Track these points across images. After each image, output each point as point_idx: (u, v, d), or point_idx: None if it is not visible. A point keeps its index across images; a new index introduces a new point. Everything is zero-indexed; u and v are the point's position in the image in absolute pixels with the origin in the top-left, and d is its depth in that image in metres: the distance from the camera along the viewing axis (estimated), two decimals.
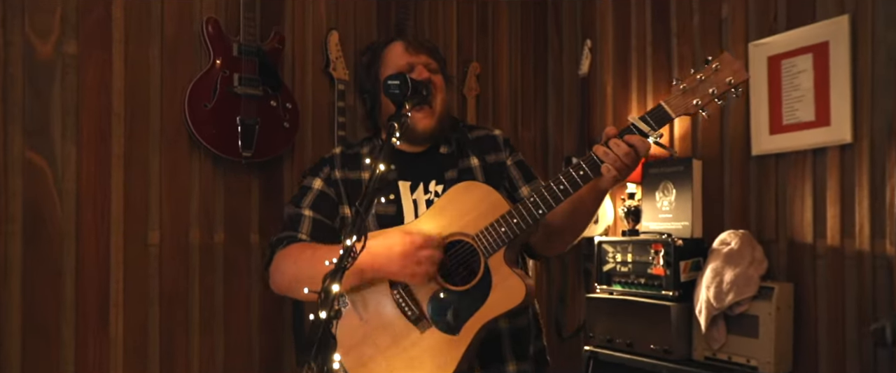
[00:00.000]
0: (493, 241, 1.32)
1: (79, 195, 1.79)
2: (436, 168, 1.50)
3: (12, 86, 1.68)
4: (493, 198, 1.35)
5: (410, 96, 1.28)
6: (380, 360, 1.34)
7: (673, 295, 2.16)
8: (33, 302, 1.71)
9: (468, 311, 1.32)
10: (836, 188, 1.96)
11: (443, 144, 1.54)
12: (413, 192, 1.49)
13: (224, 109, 1.98)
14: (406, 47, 1.51)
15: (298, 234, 1.45)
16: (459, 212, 1.35)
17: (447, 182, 1.48)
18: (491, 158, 1.55)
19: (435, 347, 1.32)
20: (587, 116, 2.83)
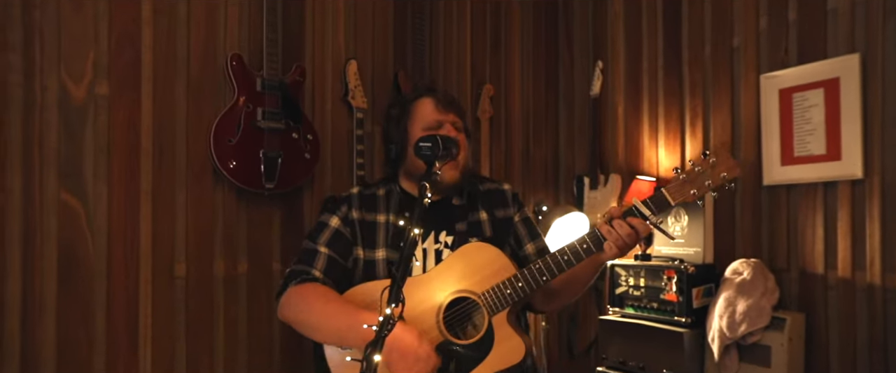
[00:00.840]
0: (499, 301, 1.38)
1: (109, 232, 1.83)
2: (447, 219, 1.55)
3: (48, 130, 1.72)
4: (502, 261, 1.42)
5: (441, 156, 1.32)
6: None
7: (686, 322, 2.21)
8: (67, 338, 1.76)
9: (470, 364, 1.38)
10: (847, 220, 2.01)
11: (455, 196, 1.59)
12: (424, 241, 1.54)
13: (248, 142, 2.02)
14: (436, 105, 1.55)
15: (313, 271, 1.51)
16: (470, 270, 1.41)
17: (457, 233, 1.53)
18: (499, 214, 1.61)
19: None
20: (598, 136, 2.87)
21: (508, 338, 1.39)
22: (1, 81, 1.66)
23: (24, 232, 1.70)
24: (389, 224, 1.56)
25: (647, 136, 2.70)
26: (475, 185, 1.65)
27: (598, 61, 2.85)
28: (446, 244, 1.55)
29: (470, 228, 1.57)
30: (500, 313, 1.40)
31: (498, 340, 1.39)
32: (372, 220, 1.59)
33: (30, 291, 1.71)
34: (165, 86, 1.93)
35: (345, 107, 2.34)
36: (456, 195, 1.60)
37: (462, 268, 1.43)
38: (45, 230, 1.73)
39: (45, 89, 1.72)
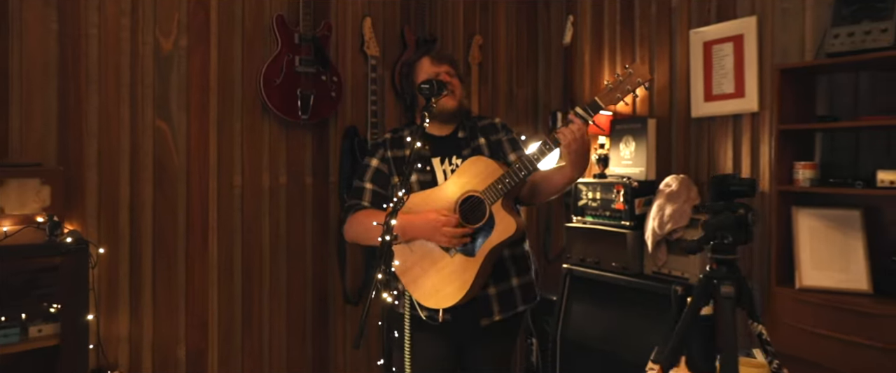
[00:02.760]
0: (494, 193, 1.92)
1: (188, 150, 2.45)
2: (455, 147, 2.09)
3: (145, 74, 2.32)
4: (494, 167, 1.96)
5: (436, 92, 1.88)
6: (425, 277, 1.94)
7: (629, 225, 2.85)
8: (159, 229, 2.40)
9: (480, 241, 1.97)
10: (748, 144, 2.63)
11: (460, 129, 2.14)
12: (442, 164, 2.09)
13: (288, 84, 2.62)
14: (431, 61, 2.10)
15: (362, 202, 2.05)
16: (471, 177, 1.97)
17: (463, 157, 2.06)
18: (493, 138, 2.15)
19: (460, 266, 1.93)
20: (569, 77, 3.46)
21: (503, 219, 1.93)
22: (115, 38, 2.25)
23: (130, 148, 2.32)
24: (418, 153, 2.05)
25: (607, 78, 3.29)
26: (474, 121, 2.18)
27: (569, 16, 3.40)
28: (457, 165, 2.07)
29: (473, 151, 2.09)
30: (496, 203, 1.92)
31: (497, 221, 1.92)
32: (401, 155, 2.10)
33: (135, 191, 2.34)
34: (227, 40, 2.51)
35: (361, 56, 2.92)
36: (459, 128, 2.13)
37: (466, 176, 1.97)
38: (144, 147, 2.35)
39: (145, 43, 2.31)
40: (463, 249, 1.94)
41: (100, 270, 2.20)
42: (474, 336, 2.00)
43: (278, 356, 2.67)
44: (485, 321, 1.97)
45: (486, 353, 2.04)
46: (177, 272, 2.43)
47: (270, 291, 2.66)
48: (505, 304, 2.00)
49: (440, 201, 1.96)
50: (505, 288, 2.01)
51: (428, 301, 1.90)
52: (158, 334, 2.37)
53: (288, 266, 2.72)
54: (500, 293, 2.00)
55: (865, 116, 2.18)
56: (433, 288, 1.92)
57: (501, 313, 1.99)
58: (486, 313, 1.97)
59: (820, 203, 2.27)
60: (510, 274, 2.04)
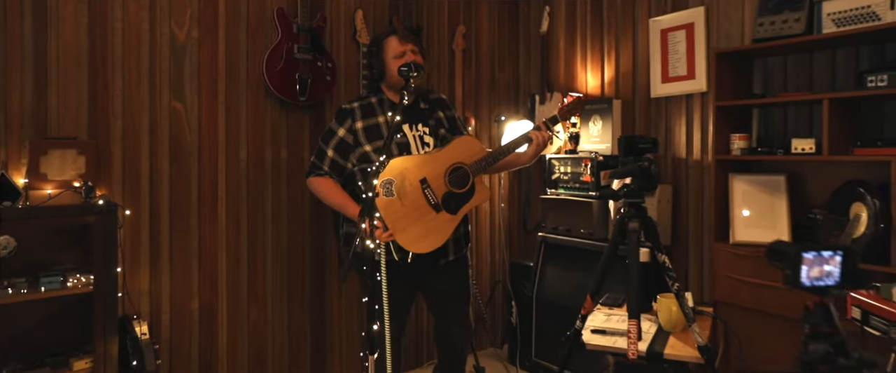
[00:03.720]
0: (478, 168, 2.34)
1: (200, 128, 2.78)
2: (420, 116, 2.45)
3: (162, 61, 2.65)
4: (480, 147, 2.39)
5: (415, 74, 2.21)
6: (413, 228, 2.28)
7: (595, 195, 3.17)
8: (175, 197, 2.73)
9: (462, 202, 2.34)
10: (698, 120, 2.94)
11: (422, 101, 2.50)
12: (411, 130, 2.44)
13: (288, 69, 2.94)
14: (399, 39, 2.44)
15: (323, 166, 2.41)
16: (461, 151, 2.36)
17: (429, 125, 2.43)
18: (448, 113, 2.54)
19: (444, 221, 2.31)
20: (546, 63, 3.77)
21: (482, 188, 2.38)
22: (136, 30, 2.57)
23: (150, 125, 2.65)
24: (387, 122, 2.44)
25: (579, 63, 3.60)
26: (426, 93, 2.56)
27: (546, 6, 3.71)
28: (423, 133, 2.46)
29: (436, 122, 2.48)
30: (479, 175, 2.38)
31: (477, 190, 2.37)
32: (374, 123, 2.44)
33: (154, 163, 2.67)
34: (233, 30, 2.83)
35: (354, 43, 3.24)
36: (422, 101, 2.50)
37: (458, 150, 2.37)
38: (162, 125, 2.68)
39: (162, 35, 2.63)
40: (447, 208, 2.31)
41: (125, 231, 2.54)
42: (433, 272, 2.45)
43: (280, 310, 3.02)
44: (442, 261, 2.43)
45: (444, 281, 2.52)
46: (190, 235, 2.77)
47: (272, 252, 3.00)
48: (456, 248, 2.48)
49: (433, 169, 2.33)
50: (456, 236, 2.45)
51: (413, 246, 2.25)
52: (175, 289, 2.71)
53: (288, 231, 3.05)
54: (454, 239, 2.44)
55: (783, 92, 2.49)
56: (419, 235, 2.27)
57: (454, 255, 2.47)
58: (444, 254, 2.42)
59: (752, 170, 2.59)
60: (460, 225, 2.45)
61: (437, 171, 2.34)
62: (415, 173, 2.30)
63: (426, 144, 2.43)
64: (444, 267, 2.47)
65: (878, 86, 2.03)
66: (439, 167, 2.35)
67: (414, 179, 2.30)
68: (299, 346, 3.08)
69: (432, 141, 2.44)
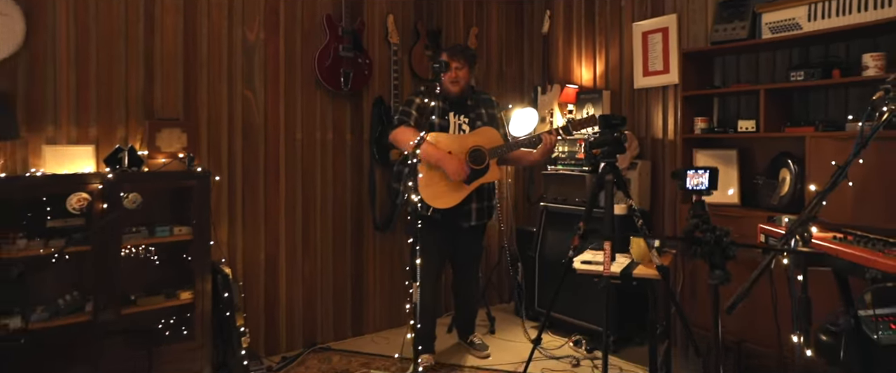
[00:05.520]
0: (493, 153, 2.99)
1: (265, 113, 3.42)
2: (465, 110, 3.13)
3: (236, 58, 3.29)
4: (497, 136, 3.06)
5: (443, 70, 2.87)
6: (436, 188, 2.97)
7: (588, 170, 3.81)
8: (246, 169, 3.38)
9: (477, 176, 3.00)
10: (672, 108, 3.58)
11: (469, 99, 3.17)
12: (455, 118, 3.12)
13: (334, 64, 3.58)
14: (448, 55, 3.11)
15: (409, 121, 3.07)
16: (483, 138, 3.02)
17: (469, 117, 3.11)
18: (490, 111, 3.21)
19: (461, 187, 2.99)
20: (547, 59, 4.40)
21: (494, 169, 3.05)
22: (218, 34, 3.22)
23: (228, 111, 3.30)
24: (437, 107, 3.11)
25: (574, 59, 4.24)
26: (478, 94, 3.24)
27: (547, 10, 4.34)
28: (463, 122, 3.14)
29: (476, 116, 3.16)
30: (494, 158, 3.03)
31: (491, 169, 3.03)
32: (431, 104, 3.12)
33: (231, 141, 3.32)
34: (290, 33, 3.48)
35: (386, 43, 3.88)
36: (468, 97, 3.17)
37: (480, 137, 3.05)
38: (236, 110, 3.33)
39: (236, 37, 3.28)
40: (466, 181, 2.99)
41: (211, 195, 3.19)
42: (459, 232, 3.12)
43: (326, 264, 3.67)
44: (465, 224, 3.09)
45: (465, 242, 3.23)
46: (258, 200, 3.42)
47: (321, 215, 3.66)
48: (480, 216, 3.14)
49: (459, 146, 2.98)
50: (480, 207, 3.13)
51: (433, 202, 2.95)
52: (246, 243, 3.37)
53: (333, 200, 3.70)
54: (477, 209, 3.12)
55: (735, 84, 3.13)
56: (438, 194, 2.99)
57: (476, 221, 3.13)
58: (468, 219, 3.10)
59: (712, 146, 3.23)
60: (484, 200, 3.14)
61: (460, 149, 3.03)
62: (444, 147, 2.96)
63: (462, 131, 3.14)
64: (468, 231, 3.17)
65: (796, 79, 2.67)
66: (463, 147, 3.04)
67: (442, 152, 2.97)
68: (342, 291, 3.74)
69: (468, 129, 3.13)
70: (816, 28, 2.62)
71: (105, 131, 2.90)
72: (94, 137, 2.87)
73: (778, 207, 2.70)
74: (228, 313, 2.97)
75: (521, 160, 3.27)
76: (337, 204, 3.72)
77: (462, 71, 3.13)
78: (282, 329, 3.49)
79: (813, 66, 2.66)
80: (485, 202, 3.18)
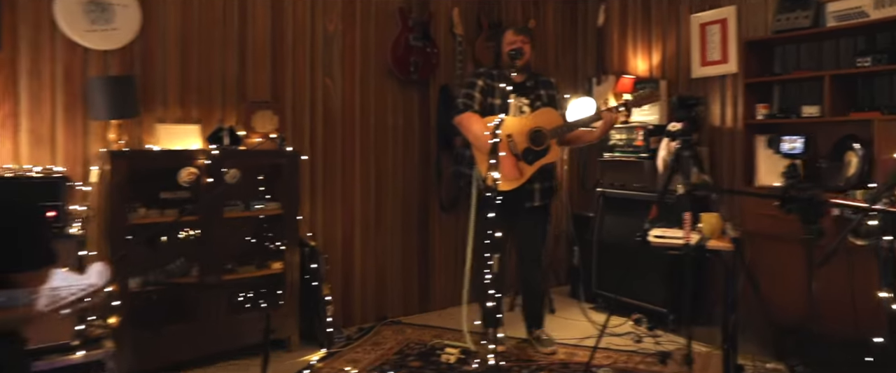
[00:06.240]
0: (553, 133, 3.11)
1: (343, 98, 3.64)
2: (525, 91, 3.24)
3: (316, 47, 3.52)
4: (557, 117, 3.16)
5: (517, 56, 3.03)
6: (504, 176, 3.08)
7: (646, 156, 3.94)
8: (325, 150, 3.58)
9: (538, 157, 3.14)
10: (731, 97, 3.71)
11: (529, 80, 3.30)
12: (516, 100, 3.24)
13: (405, 54, 3.79)
14: (513, 32, 3.25)
15: (473, 105, 3.20)
16: (542, 119, 3.14)
17: (530, 99, 3.23)
18: (549, 93, 3.31)
19: (523, 168, 3.13)
20: (602, 51, 4.55)
21: (554, 150, 3.15)
22: (302, 25, 3.45)
23: (310, 96, 3.52)
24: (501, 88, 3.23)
25: (630, 50, 4.38)
26: (537, 76, 3.35)
27: (602, 4, 4.49)
28: (524, 104, 3.25)
29: (536, 97, 3.26)
30: (553, 139, 3.15)
31: (550, 150, 3.14)
32: (493, 85, 3.26)
33: (312, 125, 3.54)
34: (366, 24, 3.69)
35: (451, 34, 4.07)
36: (528, 79, 3.29)
37: (540, 118, 3.15)
38: (317, 96, 3.55)
39: (317, 28, 3.51)
40: (526, 159, 3.11)
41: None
42: (521, 212, 3.23)
43: (396, 242, 3.88)
44: (528, 204, 3.22)
45: (529, 221, 3.29)
46: (335, 180, 3.64)
47: (391, 196, 3.86)
48: (543, 196, 3.26)
49: (520, 128, 3.12)
50: (543, 187, 3.26)
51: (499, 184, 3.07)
52: (325, 219, 3.59)
53: (403, 181, 3.91)
54: (540, 189, 3.24)
55: (796, 71, 3.26)
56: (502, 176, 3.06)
57: (540, 201, 3.25)
58: (531, 200, 3.22)
59: (772, 131, 3.35)
60: (546, 179, 3.27)
61: (521, 130, 3.14)
62: (505, 130, 3.09)
63: (523, 113, 3.24)
64: (530, 212, 3.25)
65: (863, 65, 2.79)
66: (523, 128, 3.15)
67: (502, 135, 3.10)
68: (410, 268, 3.94)
69: (529, 111, 3.25)
70: (883, 15, 2.74)
71: (205, 112, 3.14)
72: (196, 117, 3.11)
73: (844, 188, 2.82)
74: (316, 283, 3.18)
75: (581, 139, 3.32)
76: (406, 185, 3.92)
77: (526, 45, 3.21)
78: (356, 302, 3.70)
79: (880, 52, 2.78)
80: (547, 182, 3.26)
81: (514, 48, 3.07)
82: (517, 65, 3.05)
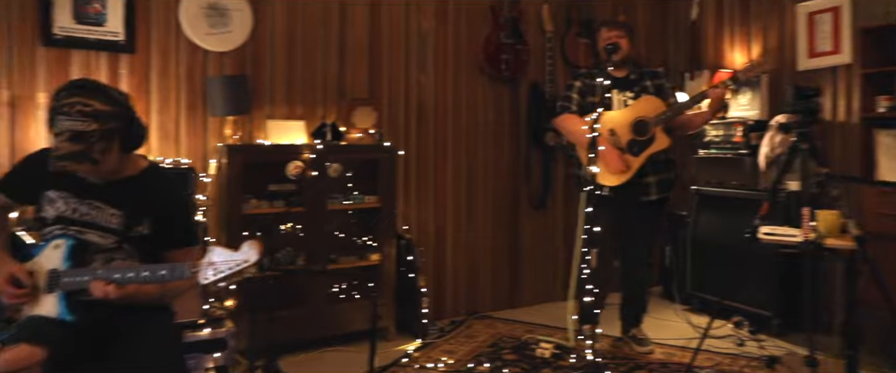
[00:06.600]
0: (657, 120, 3.02)
1: (435, 95, 3.71)
2: (627, 85, 3.17)
3: (411, 46, 3.61)
4: (659, 103, 3.06)
5: (611, 50, 2.99)
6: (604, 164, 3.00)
7: (746, 152, 3.78)
8: (419, 147, 3.65)
9: (643, 148, 3.06)
10: (844, 89, 3.50)
11: (632, 74, 3.23)
12: (618, 94, 3.16)
13: (496, 51, 3.81)
14: (607, 28, 3.20)
15: (571, 107, 3.17)
16: (644, 107, 3.06)
17: (634, 91, 3.15)
18: (657, 83, 3.21)
19: (629, 160, 3.05)
20: (696, 46, 4.41)
21: (661, 138, 3.03)
22: (398, 25, 3.55)
23: (404, 93, 3.61)
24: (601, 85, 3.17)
25: (726, 44, 4.23)
26: (642, 68, 3.28)
27: None
28: (628, 98, 3.16)
29: (642, 89, 3.17)
30: (658, 126, 3.04)
31: (657, 138, 3.05)
32: (592, 84, 3.17)
33: (407, 121, 3.62)
34: (458, 23, 3.75)
35: (541, 32, 4.06)
36: (630, 72, 3.20)
37: (642, 107, 3.07)
38: (412, 93, 3.63)
39: (412, 27, 3.60)
40: (631, 151, 3.04)
41: None
42: (637, 208, 3.11)
43: (486, 238, 3.90)
44: (645, 198, 3.09)
45: (642, 218, 3.17)
46: (428, 175, 3.71)
47: (482, 192, 3.89)
48: (660, 189, 3.11)
49: (620, 118, 3.06)
50: (659, 179, 3.11)
51: (603, 180, 2.99)
52: (419, 214, 3.66)
53: (493, 178, 3.93)
54: (657, 182, 3.10)
55: None
56: (605, 172, 2.99)
57: (657, 195, 3.10)
58: (647, 193, 3.09)
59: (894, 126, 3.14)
60: (661, 171, 3.13)
61: (623, 123, 3.07)
62: (606, 124, 3.03)
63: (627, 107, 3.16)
64: (646, 207, 3.10)
65: None
66: (626, 120, 3.07)
67: (604, 129, 3.04)
68: (500, 264, 3.96)
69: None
70: None
71: (309, 109, 3.29)
72: (300, 114, 3.26)
73: None
74: (412, 274, 3.25)
75: (692, 123, 3.16)
76: (496, 182, 3.94)
77: (622, 39, 3.13)
78: (448, 296, 3.76)
79: None
80: (663, 175, 3.13)
81: (610, 43, 3.03)
82: (614, 60, 3.01)
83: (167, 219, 1.62)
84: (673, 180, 3.21)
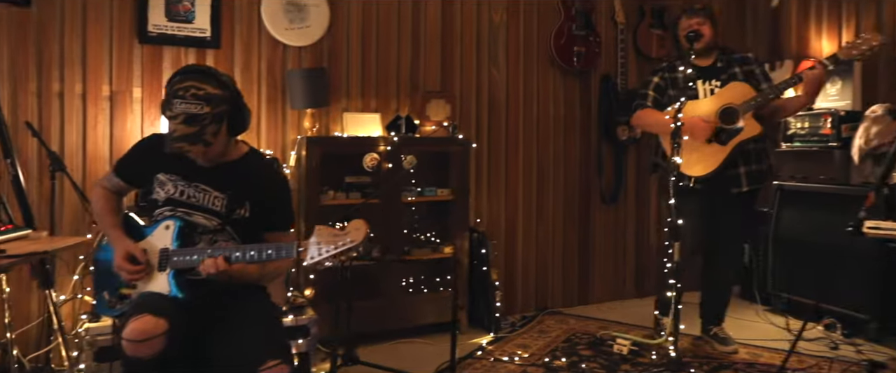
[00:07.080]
0: (746, 107, 2.87)
1: (507, 88, 3.68)
2: (714, 73, 3.04)
3: (482, 38, 3.60)
4: (748, 90, 2.90)
5: (693, 38, 2.87)
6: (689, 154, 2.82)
7: (836, 145, 3.56)
8: (490, 140, 3.63)
9: (731, 136, 2.91)
10: None
11: (718, 61, 3.10)
12: (703, 85, 3.02)
13: (567, 43, 3.75)
14: (687, 16, 3.07)
15: (646, 103, 3.07)
16: (731, 95, 2.92)
17: (721, 79, 3.01)
18: (746, 68, 3.04)
19: (717, 150, 2.89)
20: (778, 34, 4.21)
21: (751, 125, 2.87)
22: (470, 15, 3.54)
23: (476, 86, 3.59)
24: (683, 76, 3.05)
25: (812, 32, 4.01)
26: (730, 54, 3.10)
27: None
28: (715, 87, 3.02)
29: (729, 77, 3.01)
30: (747, 114, 2.87)
31: (745, 126, 2.87)
32: (673, 76, 3.08)
33: (478, 114, 3.60)
34: (528, 14, 3.71)
35: (612, 23, 3.97)
36: (717, 60, 3.05)
37: (730, 94, 2.92)
38: (483, 86, 3.61)
39: (483, 19, 3.59)
40: (718, 140, 2.91)
41: None
42: (726, 200, 2.96)
43: (557, 232, 3.85)
44: (735, 190, 2.94)
45: (731, 210, 3.02)
46: (500, 169, 3.68)
47: (553, 186, 3.84)
48: (751, 180, 2.96)
49: (706, 108, 2.92)
50: (750, 170, 2.96)
51: (688, 169, 2.88)
52: (490, 207, 3.64)
53: (564, 171, 3.87)
54: (748, 172, 2.95)
55: None
56: (690, 162, 2.86)
57: (748, 186, 2.95)
58: (737, 185, 2.94)
59: None
60: (752, 161, 2.97)
61: (710, 111, 2.92)
62: (692, 114, 2.91)
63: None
64: (736, 199, 2.95)
65: None
66: (712, 108, 2.93)
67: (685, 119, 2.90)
68: (571, 260, 3.89)
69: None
70: None
71: (383, 102, 3.33)
72: (374, 106, 3.30)
73: None
74: (485, 268, 3.23)
75: (787, 108, 2.98)
76: (567, 175, 3.88)
77: (704, 26, 3.00)
78: (518, 291, 3.72)
79: None
80: (754, 165, 2.97)
81: (691, 31, 2.91)
82: (696, 48, 2.89)
83: (266, 203, 1.66)
84: (766, 172, 3.04)
